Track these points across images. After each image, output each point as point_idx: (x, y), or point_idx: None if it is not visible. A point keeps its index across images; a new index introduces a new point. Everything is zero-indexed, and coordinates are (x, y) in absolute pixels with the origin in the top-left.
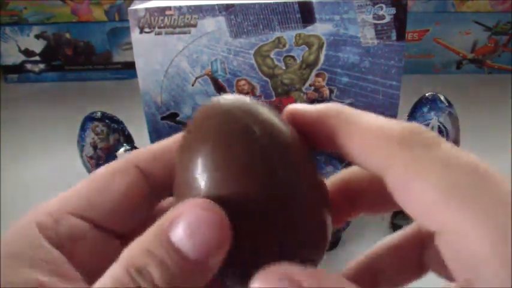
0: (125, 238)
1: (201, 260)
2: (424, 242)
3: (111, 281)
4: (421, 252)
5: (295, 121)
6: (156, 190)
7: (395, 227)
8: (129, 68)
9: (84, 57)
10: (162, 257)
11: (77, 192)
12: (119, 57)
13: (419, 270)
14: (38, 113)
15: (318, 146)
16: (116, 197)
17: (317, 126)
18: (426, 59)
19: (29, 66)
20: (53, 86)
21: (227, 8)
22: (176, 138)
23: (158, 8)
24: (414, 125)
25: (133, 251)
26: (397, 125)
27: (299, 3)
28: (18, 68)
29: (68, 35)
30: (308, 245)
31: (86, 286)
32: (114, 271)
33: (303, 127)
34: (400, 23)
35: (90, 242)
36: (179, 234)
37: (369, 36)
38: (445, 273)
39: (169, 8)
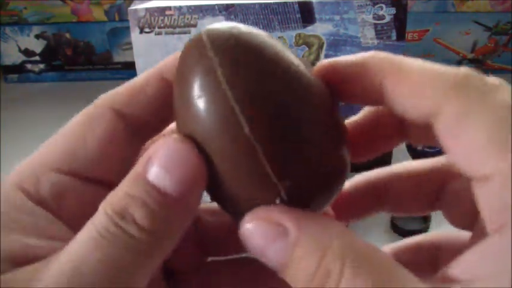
0: (115, 186)
1: (180, 195)
2: (445, 181)
3: (95, 230)
4: (437, 189)
5: (329, 75)
6: (138, 131)
7: (395, 227)
8: (129, 68)
9: (84, 57)
10: (141, 197)
11: (54, 145)
12: (118, 57)
13: (428, 206)
14: (38, 113)
15: (356, 98)
16: (95, 144)
17: (356, 76)
18: (426, 59)
19: (29, 66)
20: (53, 86)
21: (227, 8)
22: (149, 74)
23: (158, 8)
24: (470, 69)
25: (113, 197)
26: (452, 69)
27: (299, 3)
28: (18, 68)
29: (68, 35)
30: (329, 169)
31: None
32: (97, 219)
33: (337, 80)
34: (400, 23)
35: (78, 196)
36: (155, 172)
37: (369, 36)
38: (450, 217)
39: (169, 8)
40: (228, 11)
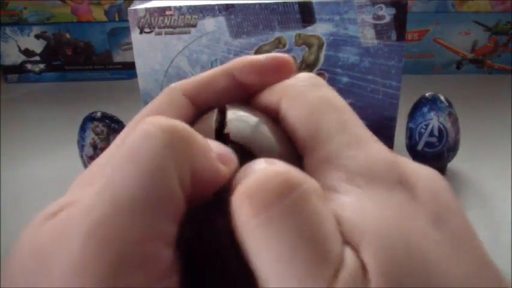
0: None
1: None
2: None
3: None
4: None
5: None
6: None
7: None
8: (129, 68)
9: (84, 57)
10: None
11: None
12: (118, 57)
13: None
14: (38, 113)
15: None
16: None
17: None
18: (426, 59)
19: (29, 66)
20: (53, 86)
21: (227, 8)
22: (218, 70)
23: (158, 8)
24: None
25: None
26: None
27: (299, 3)
28: (18, 68)
29: (68, 35)
30: None
31: None
32: None
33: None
34: (400, 23)
35: None
36: None
37: (369, 36)
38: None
39: (169, 8)
40: (228, 11)
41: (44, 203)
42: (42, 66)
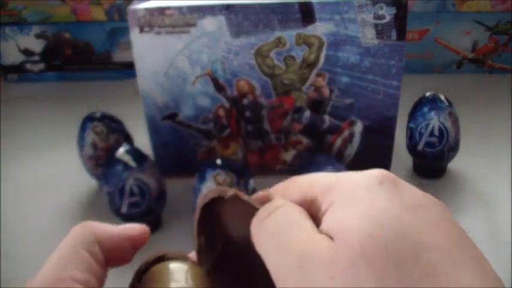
0: None
1: None
2: None
3: None
4: None
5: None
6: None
7: None
8: (129, 68)
9: (84, 57)
10: None
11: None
12: (118, 57)
13: None
14: (38, 112)
15: None
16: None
17: None
18: (426, 59)
19: (28, 66)
20: (53, 86)
21: (227, 7)
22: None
23: (158, 7)
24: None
25: None
26: None
27: (299, 3)
28: (18, 68)
29: (67, 35)
30: None
31: None
32: None
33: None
34: (400, 22)
35: None
36: None
37: (369, 36)
38: None
39: (169, 7)
40: (228, 11)
41: (44, 203)
42: (41, 65)
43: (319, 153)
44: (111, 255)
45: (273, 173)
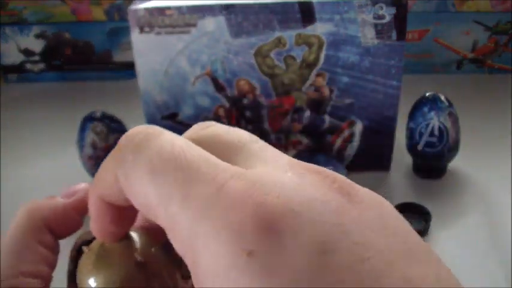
0: None
1: None
2: None
3: None
4: None
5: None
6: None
7: None
8: (129, 68)
9: (84, 57)
10: None
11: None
12: (118, 57)
13: None
14: (38, 112)
15: None
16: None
17: None
18: (426, 59)
19: (28, 66)
20: (53, 86)
21: (227, 7)
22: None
23: (158, 7)
24: None
25: None
26: None
27: (299, 3)
28: (18, 68)
29: (67, 35)
30: None
31: None
32: None
33: None
34: (400, 22)
35: None
36: None
37: (369, 36)
38: None
39: (169, 7)
40: (228, 11)
41: None
42: (41, 66)
43: (319, 153)
44: (61, 229)
45: None
